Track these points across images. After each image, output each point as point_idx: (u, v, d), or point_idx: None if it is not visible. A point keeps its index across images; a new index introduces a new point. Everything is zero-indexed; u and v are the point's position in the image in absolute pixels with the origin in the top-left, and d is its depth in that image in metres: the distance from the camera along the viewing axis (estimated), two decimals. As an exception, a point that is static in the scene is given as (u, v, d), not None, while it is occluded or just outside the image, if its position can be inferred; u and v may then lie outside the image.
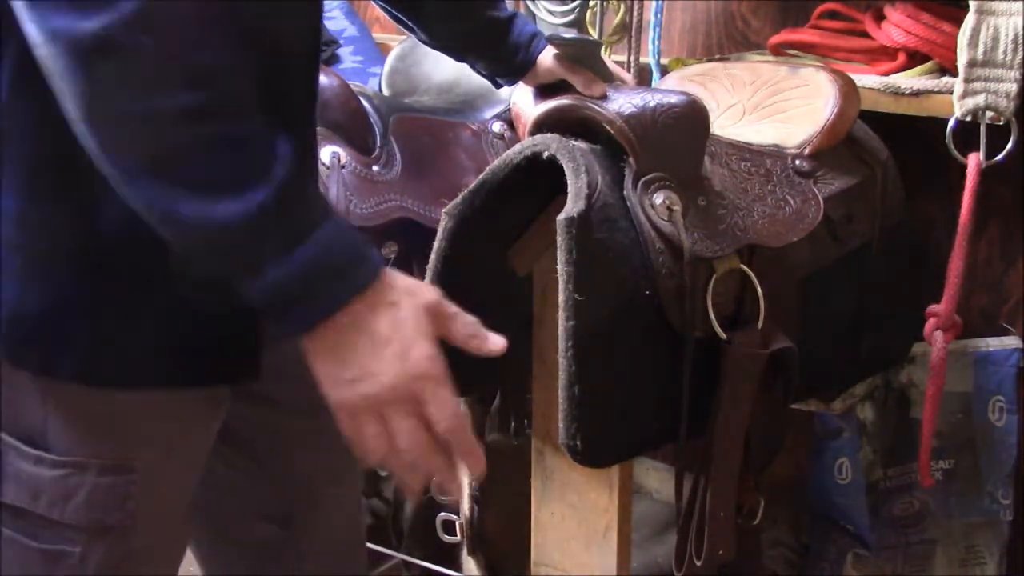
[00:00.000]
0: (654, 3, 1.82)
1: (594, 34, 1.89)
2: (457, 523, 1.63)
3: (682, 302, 1.26)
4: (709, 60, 1.91)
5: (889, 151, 1.54)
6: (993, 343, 1.75)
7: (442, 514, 1.63)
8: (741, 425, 1.33)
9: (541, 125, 1.35)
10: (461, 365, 1.40)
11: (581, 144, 1.29)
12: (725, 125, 1.51)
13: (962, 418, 1.75)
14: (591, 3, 1.89)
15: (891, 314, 1.53)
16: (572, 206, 1.22)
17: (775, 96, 1.55)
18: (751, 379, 1.31)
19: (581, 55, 1.37)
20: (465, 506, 1.62)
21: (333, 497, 1.40)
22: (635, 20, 1.79)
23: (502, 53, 1.43)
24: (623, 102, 1.30)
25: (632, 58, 1.82)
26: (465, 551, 1.65)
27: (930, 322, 1.55)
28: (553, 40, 1.39)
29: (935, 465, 1.73)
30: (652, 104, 1.29)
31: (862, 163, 1.51)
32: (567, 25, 1.93)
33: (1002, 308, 1.81)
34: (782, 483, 1.97)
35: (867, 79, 1.63)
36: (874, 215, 1.49)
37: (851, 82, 1.53)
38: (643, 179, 1.27)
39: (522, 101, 1.43)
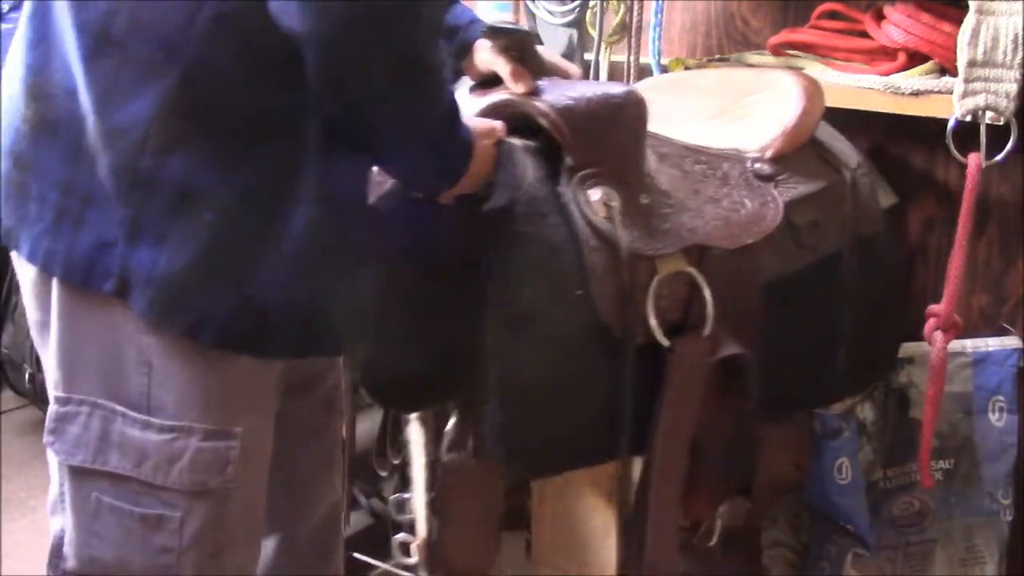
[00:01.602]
0: (654, 3, 1.82)
1: (594, 34, 1.89)
2: (413, 544, 1.51)
3: (620, 304, 1.20)
4: (709, 60, 1.91)
5: (887, 153, 1.53)
6: (993, 343, 1.75)
7: (399, 535, 1.53)
8: (684, 436, 1.26)
9: None
10: (413, 382, 1.30)
11: (513, 140, 1.25)
12: (687, 131, 1.45)
13: (962, 418, 1.74)
14: (591, 3, 1.89)
15: (870, 331, 1.47)
16: (494, 199, 1.18)
17: (740, 101, 1.50)
18: (695, 388, 1.25)
19: (513, 45, 1.31)
20: (422, 526, 1.51)
21: (321, 499, 1.50)
22: (635, 20, 1.79)
23: None
24: (558, 95, 1.25)
25: (632, 58, 1.82)
26: (422, 573, 1.53)
27: (930, 322, 1.55)
28: (485, 30, 1.33)
29: (935, 465, 1.73)
30: (588, 96, 1.24)
31: (829, 167, 1.45)
32: (567, 25, 1.92)
33: (1002, 308, 1.81)
34: (782, 483, 1.97)
35: (867, 79, 1.63)
36: (844, 222, 1.43)
37: (816, 83, 1.48)
38: (579, 174, 1.22)
39: (459, 98, 1.35)
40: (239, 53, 1.06)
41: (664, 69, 1.83)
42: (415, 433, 1.47)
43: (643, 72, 1.83)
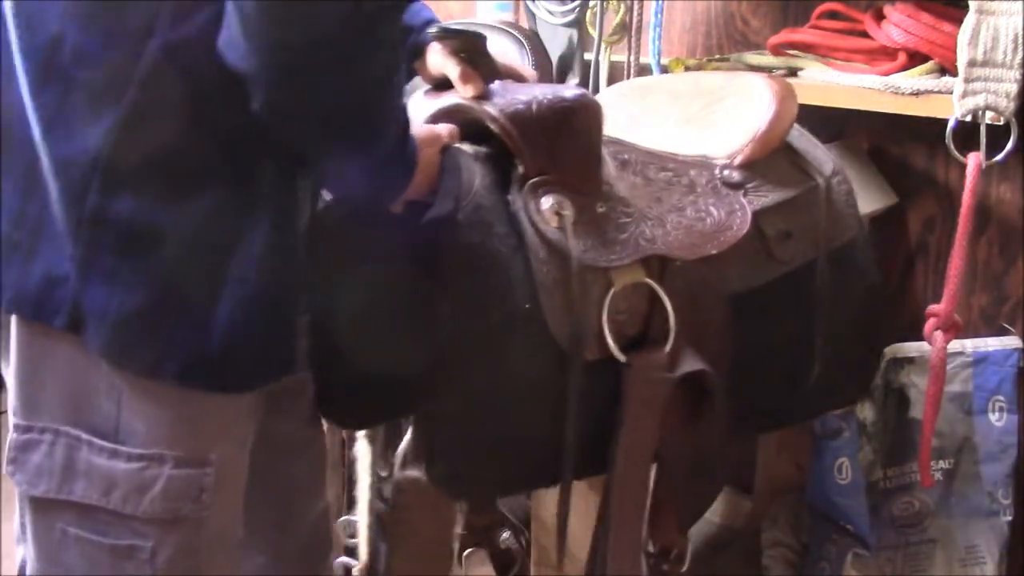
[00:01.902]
0: (654, 3, 1.82)
1: (594, 34, 1.89)
2: (355, 569, 1.47)
3: (570, 318, 1.14)
4: (709, 60, 1.91)
5: (887, 153, 1.53)
6: (993, 343, 1.75)
7: (339, 558, 1.49)
8: (645, 454, 1.21)
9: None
10: (359, 399, 1.26)
11: (463, 146, 1.20)
12: (656, 136, 1.40)
13: (962, 418, 1.75)
14: (591, 3, 1.89)
15: (847, 345, 1.40)
16: (436, 208, 1.13)
17: (711, 106, 1.44)
18: (655, 405, 1.19)
19: (463, 47, 1.26)
20: (363, 550, 1.44)
21: (308, 510, 1.45)
22: (635, 20, 1.80)
23: None
24: (509, 98, 1.19)
25: (632, 58, 1.82)
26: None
27: (930, 322, 1.55)
28: (436, 32, 1.28)
29: (935, 465, 1.73)
30: (539, 100, 1.18)
31: (803, 175, 1.38)
32: (567, 25, 1.92)
33: (1002, 308, 1.81)
34: (782, 483, 1.97)
35: (867, 79, 1.63)
36: (817, 231, 1.35)
37: (788, 87, 1.43)
38: (530, 181, 1.16)
39: (412, 103, 1.32)
40: (188, 84, 1.03)
41: (664, 69, 1.83)
42: (362, 451, 1.42)
43: (643, 72, 1.83)
